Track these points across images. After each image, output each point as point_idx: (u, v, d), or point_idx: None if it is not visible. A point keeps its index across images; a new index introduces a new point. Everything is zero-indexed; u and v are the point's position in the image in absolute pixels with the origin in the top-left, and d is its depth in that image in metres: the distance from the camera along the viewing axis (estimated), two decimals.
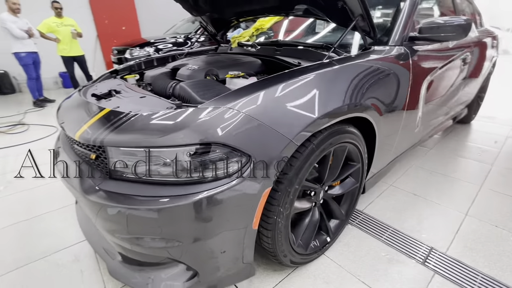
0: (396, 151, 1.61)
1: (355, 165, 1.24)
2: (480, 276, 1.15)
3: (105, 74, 1.76)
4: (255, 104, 0.84)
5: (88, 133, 0.90)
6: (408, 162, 2.17)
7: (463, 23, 1.33)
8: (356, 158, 1.22)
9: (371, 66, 1.19)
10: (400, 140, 1.53)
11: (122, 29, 6.75)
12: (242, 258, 0.92)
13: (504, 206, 1.62)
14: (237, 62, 1.48)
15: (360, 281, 1.14)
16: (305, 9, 1.42)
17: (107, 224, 0.85)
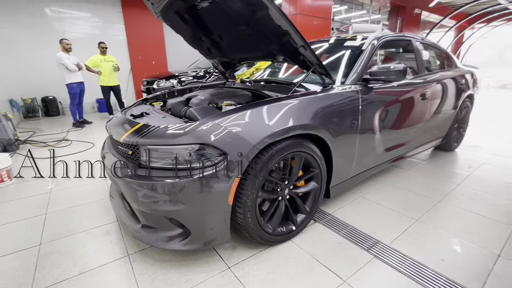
0: (359, 167, 1.99)
1: (314, 171, 1.66)
2: (410, 260, 1.47)
3: (138, 101, 2.36)
4: (233, 121, 1.32)
5: (128, 138, 1.42)
6: (384, 180, 2.52)
7: (401, 69, 1.80)
8: (314, 165, 1.64)
9: (327, 99, 1.66)
10: (359, 158, 1.93)
11: (152, 64, 7.80)
12: (223, 224, 1.34)
13: (454, 216, 1.92)
14: (234, 94, 2.01)
15: (314, 258, 1.50)
16: (283, 58, 1.96)
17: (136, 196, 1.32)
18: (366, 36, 2.27)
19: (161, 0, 1.81)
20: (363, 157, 1.98)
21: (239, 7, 1.56)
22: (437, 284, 1.31)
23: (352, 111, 1.77)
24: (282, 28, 1.52)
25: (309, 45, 1.57)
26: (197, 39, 2.37)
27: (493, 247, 1.58)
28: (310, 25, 5.66)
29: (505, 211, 1.98)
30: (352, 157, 1.88)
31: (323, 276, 1.37)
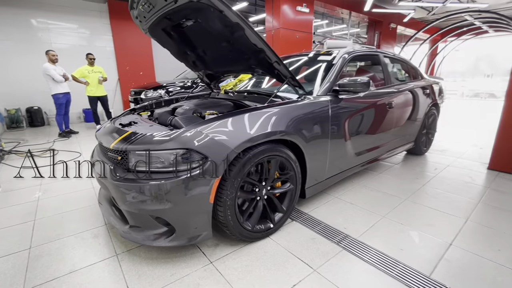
0: (332, 170, 2.18)
1: (289, 173, 1.83)
2: (374, 251, 1.65)
3: (126, 111, 2.49)
4: (214, 128, 1.49)
5: (118, 144, 1.55)
6: (357, 182, 2.73)
7: (366, 81, 2.03)
8: (289, 168, 1.82)
9: (299, 108, 1.86)
10: (331, 161, 2.12)
11: (140, 74, 7.90)
12: (204, 222, 1.48)
13: (414, 212, 2.13)
14: (217, 104, 2.18)
15: (289, 252, 1.65)
16: (261, 72, 2.16)
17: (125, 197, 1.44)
18: (338, 51, 2.52)
19: (148, 19, 1.98)
20: (335, 161, 2.17)
21: (219, 27, 1.75)
22: (395, 270, 1.49)
23: (323, 119, 1.97)
24: (257, 46, 1.72)
25: (281, 61, 1.78)
26: (183, 53, 2.55)
27: (447, 237, 1.79)
28: (293, 38, 5.98)
29: (462, 206, 2.21)
30: (325, 160, 2.07)
31: (296, 266, 1.53)
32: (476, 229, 1.88)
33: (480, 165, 3.20)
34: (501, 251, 1.64)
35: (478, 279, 1.42)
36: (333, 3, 6.83)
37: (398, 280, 1.41)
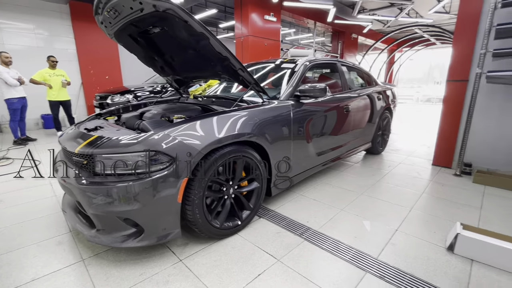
0: (295, 169, 2.36)
1: (255, 172, 1.96)
2: (331, 239, 1.83)
3: (91, 116, 2.46)
4: (181, 131, 1.57)
5: (83, 149, 1.56)
6: (321, 180, 2.94)
7: (323, 87, 2.24)
8: (255, 168, 1.95)
9: (263, 111, 2.00)
10: (295, 161, 2.29)
11: (105, 78, 7.60)
12: (173, 221, 1.54)
13: (368, 204, 2.38)
14: (185, 108, 2.25)
15: (255, 246, 1.77)
16: (227, 78, 2.28)
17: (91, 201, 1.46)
18: (300, 59, 2.73)
19: (114, 25, 2.01)
20: (298, 161, 2.35)
21: (185, 36, 1.84)
22: (348, 255, 1.67)
23: (285, 122, 2.14)
24: (222, 54, 1.83)
25: (245, 68, 1.91)
26: (150, 59, 2.58)
27: (394, 224, 2.04)
28: (262, 46, 6.20)
29: (408, 198, 2.50)
30: (289, 160, 2.23)
31: (261, 258, 1.65)
32: (418, 216, 2.16)
33: (426, 162, 3.62)
34: (436, 233, 1.91)
35: (415, 257, 1.65)
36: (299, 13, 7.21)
37: (350, 263, 1.60)
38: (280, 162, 2.16)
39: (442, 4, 5.74)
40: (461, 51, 3.05)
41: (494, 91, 2.87)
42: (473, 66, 2.97)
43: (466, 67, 3.02)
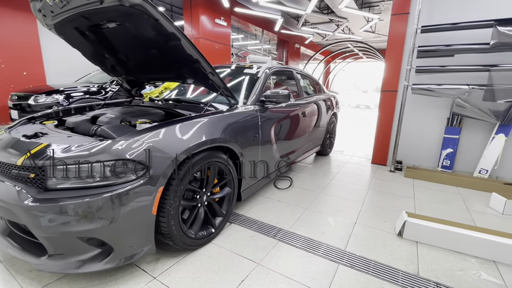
0: (262, 172, 2.41)
1: (227, 178, 1.94)
2: (303, 238, 1.93)
3: (22, 120, 2.06)
4: (152, 137, 1.44)
5: (30, 159, 1.29)
6: None
7: (286, 94, 2.35)
8: (227, 173, 1.92)
9: (232, 116, 1.99)
10: (263, 165, 2.35)
11: (23, 74, 6.37)
12: (147, 236, 1.40)
13: (328, 201, 2.59)
14: (146, 112, 2.07)
15: (233, 252, 1.74)
16: (193, 81, 2.20)
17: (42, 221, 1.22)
18: (260, 65, 2.81)
19: (58, 15, 1.74)
20: (265, 164, 2.41)
21: (151, 35, 1.71)
22: (320, 250, 1.80)
23: (254, 126, 2.18)
24: (192, 57, 1.76)
25: (216, 72, 1.88)
26: (99, 56, 2.31)
27: (352, 217, 2.27)
28: (212, 49, 6.14)
29: (359, 193, 2.82)
30: (257, 164, 2.27)
31: (241, 263, 1.63)
32: (369, 209, 2.45)
33: (367, 161, 4.13)
34: (386, 222, 2.21)
35: (375, 245, 1.87)
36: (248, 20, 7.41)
37: (324, 258, 1.72)
38: (249, 166, 2.18)
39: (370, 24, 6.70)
40: (391, 66, 3.61)
41: (417, 100, 3.47)
42: (401, 79, 3.54)
43: (395, 79, 3.59)
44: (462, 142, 3.28)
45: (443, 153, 3.34)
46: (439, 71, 3.07)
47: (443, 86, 3.07)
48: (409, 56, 3.23)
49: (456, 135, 3.22)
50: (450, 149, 3.27)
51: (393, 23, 3.55)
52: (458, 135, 3.22)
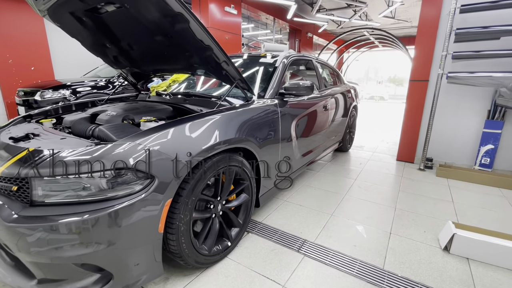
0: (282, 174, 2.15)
1: (245, 183, 1.69)
2: (332, 252, 1.68)
3: (17, 118, 1.85)
4: (157, 140, 1.20)
5: (10, 169, 1.08)
6: (301, 182, 2.80)
7: (309, 85, 2.06)
8: (244, 178, 1.67)
9: (250, 111, 1.73)
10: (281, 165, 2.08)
11: (31, 69, 6.27)
12: (152, 257, 1.18)
13: (355, 206, 2.31)
14: (152, 108, 1.83)
15: (252, 270, 1.51)
16: (203, 72, 1.93)
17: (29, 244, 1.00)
18: (276, 54, 2.52)
19: None
20: (285, 164, 2.15)
21: (156, 17, 1.45)
22: (354, 268, 1.54)
23: (273, 123, 1.91)
24: (204, 43, 1.50)
25: (231, 61, 1.61)
26: (100, 46, 2.07)
27: (385, 226, 1.99)
28: (222, 39, 5.84)
29: (388, 196, 2.53)
30: (276, 164, 2.01)
31: (263, 286, 1.39)
32: (403, 215, 2.16)
33: (391, 157, 3.80)
34: (426, 232, 1.92)
35: (418, 263, 1.60)
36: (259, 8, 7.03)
37: (361, 279, 1.46)
38: (269, 168, 1.92)
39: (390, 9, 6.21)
40: (422, 53, 3.23)
41: (451, 91, 3.10)
42: (433, 67, 3.17)
43: (426, 68, 3.21)
44: (504, 138, 2.91)
45: (481, 149, 2.98)
46: (482, 56, 2.68)
47: (488, 74, 2.68)
48: (445, 40, 2.85)
49: (499, 130, 2.85)
50: (491, 145, 2.91)
51: (425, 4, 3.15)
52: (500, 129, 2.85)
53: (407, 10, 7.94)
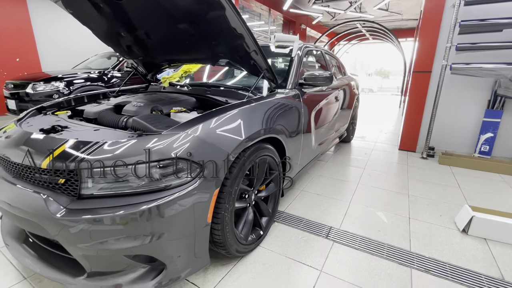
0: (302, 163, 2.18)
1: (274, 173, 1.70)
2: (359, 237, 1.73)
3: (31, 111, 1.77)
4: (204, 130, 1.19)
5: (56, 161, 1.03)
6: (313, 173, 2.84)
7: (329, 76, 2.08)
8: (274, 168, 1.68)
9: (278, 102, 1.73)
10: (302, 155, 2.11)
11: (16, 61, 5.92)
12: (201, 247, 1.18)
13: (370, 193, 2.39)
14: (176, 100, 1.79)
15: (287, 257, 1.54)
16: (226, 62, 1.90)
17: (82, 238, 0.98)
18: (289, 45, 2.51)
19: None
20: (305, 154, 2.17)
21: (187, 3, 1.41)
22: (383, 251, 1.60)
23: (297, 112, 1.92)
24: (236, 31, 1.47)
25: (261, 50, 1.59)
26: (114, 35, 1.99)
27: (403, 212, 2.07)
28: None
29: (399, 184, 2.62)
30: (298, 155, 2.03)
31: (301, 271, 1.43)
32: (417, 201, 2.25)
33: (392, 147, 3.92)
34: (442, 216, 2.02)
35: (441, 244, 1.68)
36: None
37: (391, 261, 1.52)
38: (293, 158, 1.94)
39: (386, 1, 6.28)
40: (426, 44, 3.31)
41: (452, 82, 3.22)
42: (436, 58, 3.26)
43: (429, 59, 3.30)
44: (503, 126, 3.06)
45: (481, 138, 3.13)
46: (487, 48, 2.79)
47: (492, 66, 2.79)
48: (450, 32, 2.94)
49: (498, 119, 3.00)
50: (490, 133, 3.06)
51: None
52: (500, 118, 3.00)
53: (399, 2, 8.08)
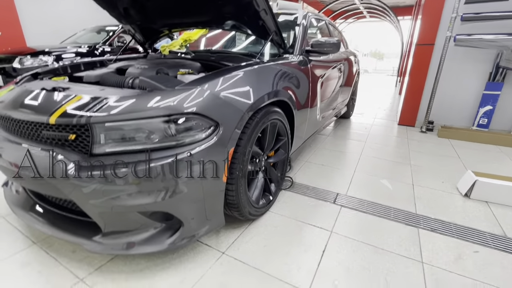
0: (308, 133, 2.17)
1: (283, 139, 1.68)
2: (366, 202, 1.76)
3: (25, 76, 1.67)
4: (218, 86, 1.14)
5: (66, 116, 0.98)
6: (315, 145, 2.85)
7: (336, 42, 2.01)
8: (283, 133, 1.66)
9: (288, 66, 1.68)
10: (308, 124, 2.09)
11: None
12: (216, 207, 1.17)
13: (373, 164, 2.41)
14: (180, 63, 1.71)
15: (298, 220, 1.55)
16: (232, 25, 1.81)
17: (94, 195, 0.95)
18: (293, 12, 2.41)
19: None
20: (310, 124, 2.15)
21: None
22: (390, 214, 1.63)
23: (305, 79, 1.87)
24: None
25: (271, 9, 1.51)
26: None
27: (406, 179, 2.11)
28: None
29: (401, 155, 2.65)
30: (305, 123, 2.01)
31: (313, 232, 1.45)
32: (420, 170, 2.29)
33: (392, 122, 3.94)
34: (444, 182, 2.06)
35: (446, 207, 1.73)
36: None
37: (398, 222, 1.56)
38: (300, 126, 1.92)
39: None
40: (430, 17, 3.24)
41: (454, 55, 3.19)
42: (440, 30, 3.21)
43: (433, 31, 3.25)
44: (502, 99, 3.09)
45: (480, 111, 3.17)
46: (492, 18, 2.75)
47: (493, 36, 2.77)
48: (455, 1, 2.87)
49: (498, 91, 3.02)
50: (490, 106, 3.09)
51: None
52: (500, 90, 3.02)
53: None
